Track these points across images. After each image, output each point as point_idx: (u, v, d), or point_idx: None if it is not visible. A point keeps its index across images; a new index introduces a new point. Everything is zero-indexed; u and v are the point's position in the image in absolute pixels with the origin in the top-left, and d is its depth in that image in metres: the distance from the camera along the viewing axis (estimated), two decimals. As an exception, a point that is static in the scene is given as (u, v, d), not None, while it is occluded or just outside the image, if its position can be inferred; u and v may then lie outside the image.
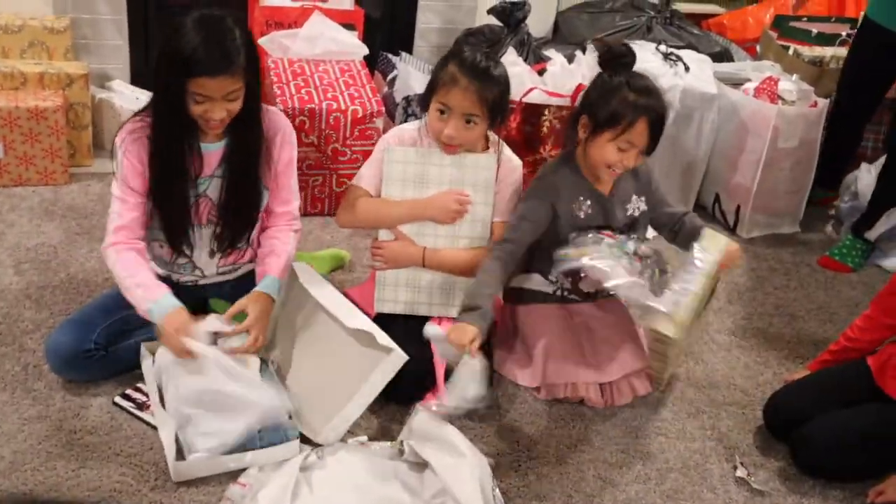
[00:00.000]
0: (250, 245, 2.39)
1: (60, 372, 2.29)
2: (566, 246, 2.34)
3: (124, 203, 2.21)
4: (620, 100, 2.28)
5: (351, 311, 2.30)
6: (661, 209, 2.56)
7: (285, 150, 2.33)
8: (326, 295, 2.34)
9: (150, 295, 2.17)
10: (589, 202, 2.41)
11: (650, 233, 2.59)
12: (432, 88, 2.32)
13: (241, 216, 2.32)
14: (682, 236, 2.50)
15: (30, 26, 3.40)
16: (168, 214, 2.26)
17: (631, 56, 2.35)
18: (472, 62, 2.28)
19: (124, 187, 2.20)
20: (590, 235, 2.35)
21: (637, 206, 2.49)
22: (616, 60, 2.36)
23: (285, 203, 2.37)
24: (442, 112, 2.30)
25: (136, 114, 2.25)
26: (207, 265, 2.38)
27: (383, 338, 2.17)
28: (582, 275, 2.41)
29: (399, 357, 2.14)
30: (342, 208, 2.47)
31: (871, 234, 3.43)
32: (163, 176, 2.21)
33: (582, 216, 2.41)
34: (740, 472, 2.31)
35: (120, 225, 2.21)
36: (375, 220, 2.44)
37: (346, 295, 2.47)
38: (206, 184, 2.27)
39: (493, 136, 2.46)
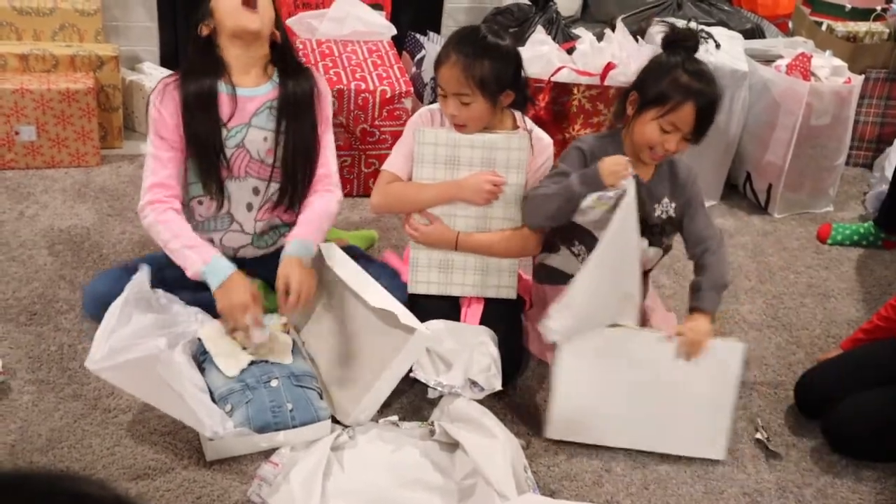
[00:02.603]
0: (293, 207, 2.38)
1: (95, 315, 2.23)
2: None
3: (157, 159, 2.22)
4: (671, 80, 2.24)
5: (376, 290, 2.29)
6: (692, 225, 2.43)
7: (324, 107, 2.35)
8: (351, 274, 2.33)
9: (202, 256, 2.16)
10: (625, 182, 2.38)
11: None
12: (436, 68, 2.32)
13: (297, 169, 2.32)
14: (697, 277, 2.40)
15: (61, 9, 3.42)
16: (202, 160, 2.25)
17: (693, 40, 2.31)
18: (464, 36, 2.28)
19: (157, 140, 2.22)
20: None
21: (666, 209, 2.42)
22: (679, 42, 2.32)
23: (323, 165, 2.36)
24: (442, 94, 2.30)
25: (171, 72, 2.28)
26: (246, 220, 2.37)
27: (407, 317, 2.16)
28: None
29: (424, 336, 2.14)
30: (375, 193, 2.46)
31: None
32: (194, 119, 2.21)
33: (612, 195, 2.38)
34: (759, 435, 2.31)
35: (155, 182, 2.21)
36: (409, 204, 2.43)
37: (385, 259, 2.48)
38: (244, 132, 2.26)
39: (518, 113, 2.44)
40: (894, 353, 2.39)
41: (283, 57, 2.31)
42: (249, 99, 2.26)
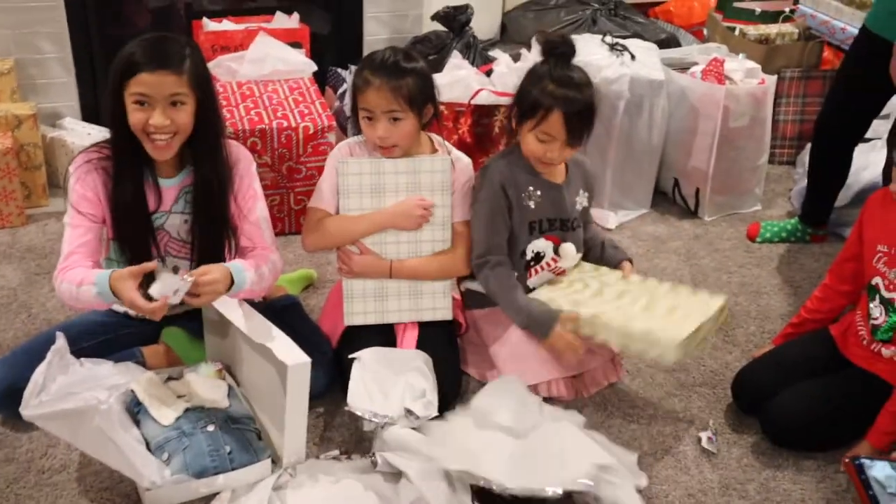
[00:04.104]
0: None
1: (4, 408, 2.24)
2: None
3: (75, 229, 2.19)
4: (540, 90, 2.30)
5: (258, 322, 2.20)
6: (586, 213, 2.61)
7: (244, 182, 2.30)
8: (238, 313, 2.22)
9: (89, 280, 2.08)
10: (539, 192, 2.43)
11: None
12: (354, 97, 2.34)
13: (212, 248, 2.28)
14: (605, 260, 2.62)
15: (-27, 71, 3.39)
16: (131, 248, 2.23)
17: (566, 46, 2.35)
18: (381, 61, 2.31)
19: (75, 213, 2.19)
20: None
21: (582, 201, 2.54)
22: (553, 51, 2.36)
23: (251, 237, 2.31)
24: (369, 118, 2.31)
25: (93, 144, 2.24)
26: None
27: (283, 352, 2.06)
28: (537, 269, 2.45)
29: (301, 366, 2.03)
30: (306, 231, 2.45)
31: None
32: (122, 210, 2.19)
33: (532, 206, 2.43)
34: (705, 434, 2.37)
35: (70, 251, 2.18)
36: (341, 238, 2.42)
37: (319, 324, 2.48)
38: (164, 218, 2.26)
39: (436, 137, 2.47)
40: (823, 345, 2.43)
41: (202, 141, 2.20)
42: (169, 188, 2.25)
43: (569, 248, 2.50)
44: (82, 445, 2.05)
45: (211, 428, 2.12)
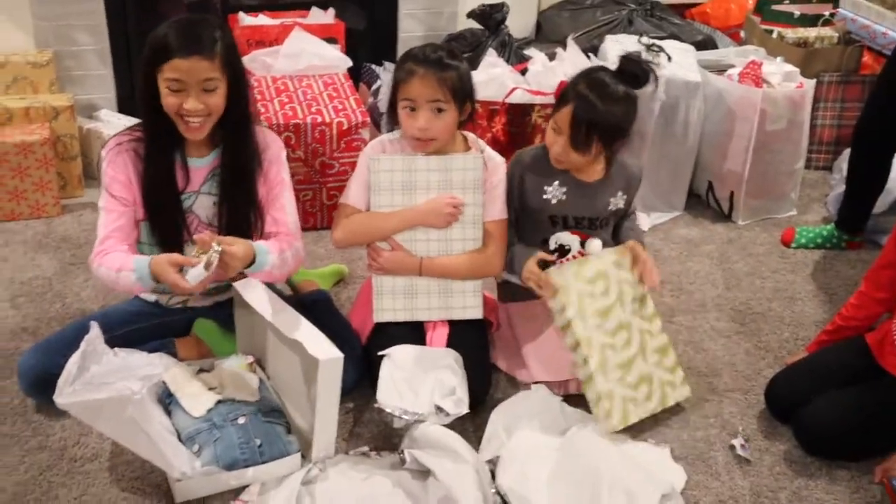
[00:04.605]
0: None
1: (30, 393, 2.29)
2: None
3: (109, 213, 2.21)
4: (573, 83, 2.35)
5: (292, 318, 2.20)
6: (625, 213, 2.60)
7: (273, 169, 2.32)
8: (269, 306, 2.22)
9: (128, 267, 2.13)
10: (565, 189, 2.43)
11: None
12: (395, 90, 2.34)
13: (239, 231, 2.28)
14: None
15: (13, 62, 3.42)
16: (161, 229, 2.25)
17: (642, 71, 2.36)
18: (424, 54, 2.31)
19: (108, 197, 2.21)
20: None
21: (618, 202, 2.52)
22: (626, 67, 2.37)
23: (275, 223, 2.33)
24: (410, 109, 2.31)
25: (127, 128, 2.26)
26: None
27: (314, 347, 2.06)
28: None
29: (333, 361, 2.04)
30: (336, 228, 2.45)
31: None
32: (152, 189, 2.21)
33: (554, 201, 2.43)
34: (736, 441, 2.34)
35: (106, 235, 2.21)
36: (371, 235, 2.42)
37: (349, 319, 2.48)
38: (193, 199, 2.27)
39: (470, 135, 2.46)
40: (858, 353, 2.40)
41: (232, 120, 2.22)
42: (198, 169, 2.27)
43: (595, 244, 2.48)
44: (114, 434, 2.06)
45: (242, 420, 2.13)
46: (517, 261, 2.42)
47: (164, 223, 2.26)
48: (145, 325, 2.39)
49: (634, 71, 2.36)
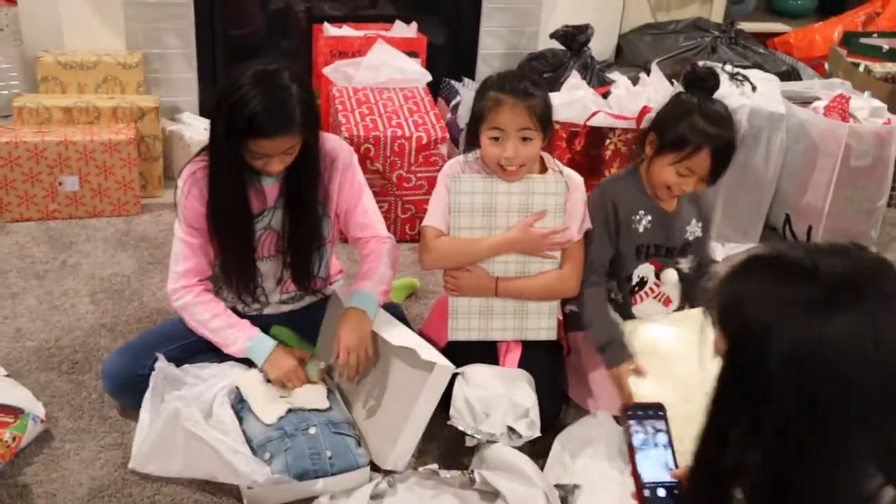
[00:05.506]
0: (317, 276, 2.40)
1: (114, 395, 2.34)
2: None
3: (190, 246, 2.24)
4: (689, 125, 2.26)
5: (397, 329, 2.29)
6: (703, 242, 2.55)
7: (347, 175, 2.34)
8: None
9: (245, 333, 2.25)
10: (650, 217, 2.41)
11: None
12: (478, 119, 2.31)
13: (303, 246, 2.32)
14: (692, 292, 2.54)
15: (104, 62, 3.51)
16: (231, 253, 2.27)
17: (714, 80, 2.33)
18: (510, 82, 2.28)
19: (189, 229, 2.24)
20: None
21: (695, 230, 2.49)
22: (699, 83, 2.33)
23: (363, 227, 2.37)
24: (496, 138, 2.29)
25: (197, 153, 2.28)
26: (272, 293, 2.41)
27: (427, 353, 2.14)
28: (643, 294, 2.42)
29: (445, 370, 2.12)
30: (423, 251, 2.43)
31: None
32: (223, 215, 2.22)
33: (641, 230, 2.41)
34: None
35: (188, 268, 2.25)
36: (462, 260, 2.40)
37: (421, 334, 2.48)
38: (270, 216, 2.29)
39: (546, 155, 2.44)
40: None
41: (307, 150, 2.21)
42: (272, 186, 2.28)
43: (671, 275, 2.46)
44: (188, 467, 2.10)
45: (312, 431, 2.14)
46: (614, 345, 2.35)
47: (236, 248, 2.27)
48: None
49: (712, 84, 2.33)
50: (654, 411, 1.57)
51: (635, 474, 1.47)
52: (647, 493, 1.46)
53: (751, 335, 1.17)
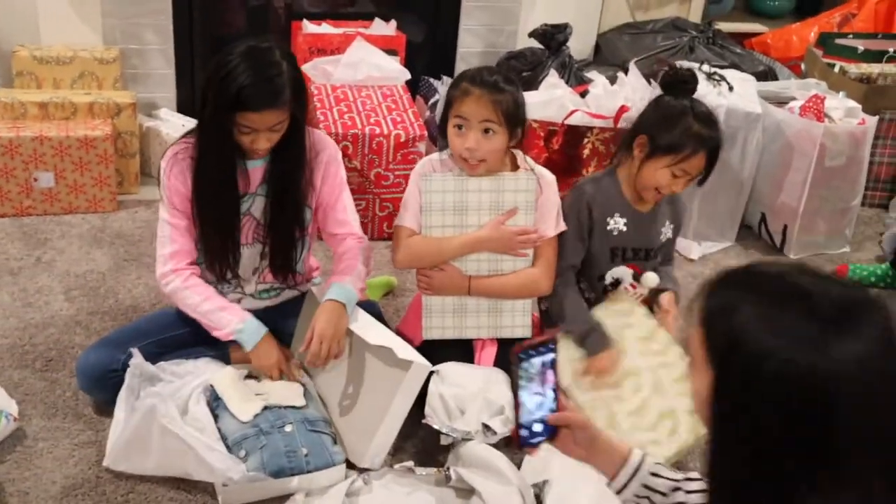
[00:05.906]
0: (296, 269, 2.40)
1: (88, 391, 2.32)
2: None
3: (175, 228, 2.24)
4: (686, 128, 2.29)
5: (374, 327, 2.30)
6: (670, 246, 2.59)
7: (330, 170, 2.34)
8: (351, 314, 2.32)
9: (237, 316, 2.24)
10: (625, 220, 2.42)
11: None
12: (447, 108, 2.33)
13: (284, 235, 2.33)
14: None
15: (80, 57, 3.48)
16: (214, 234, 2.27)
17: (694, 81, 2.37)
18: (481, 75, 2.30)
19: (173, 210, 2.23)
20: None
21: (667, 232, 2.52)
22: (680, 84, 2.36)
23: (341, 224, 2.38)
24: (459, 127, 2.30)
25: (180, 137, 2.28)
26: (248, 284, 2.40)
27: (403, 351, 2.16)
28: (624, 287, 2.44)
29: (421, 368, 2.14)
30: (395, 250, 2.44)
31: None
32: (208, 195, 2.22)
33: (615, 233, 2.42)
34: None
35: (175, 250, 2.24)
36: (433, 259, 2.41)
37: (397, 332, 2.48)
38: (250, 201, 2.29)
39: (518, 153, 2.45)
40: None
41: (293, 135, 2.23)
42: (255, 170, 2.28)
43: (651, 278, 2.48)
44: (161, 466, 2.10)
45: (288, 428, 2.14)
46: (596, 335, 2.36)
47: (219, 229, 2.27)
48: (198, 327, 2.41)
49: (693, 86, 2.37)
50: (546, 347, 1.49)
51: (516, 411, 1.45)
52: (523, 431, 1.45)
53: (745, 358, 1.12)
